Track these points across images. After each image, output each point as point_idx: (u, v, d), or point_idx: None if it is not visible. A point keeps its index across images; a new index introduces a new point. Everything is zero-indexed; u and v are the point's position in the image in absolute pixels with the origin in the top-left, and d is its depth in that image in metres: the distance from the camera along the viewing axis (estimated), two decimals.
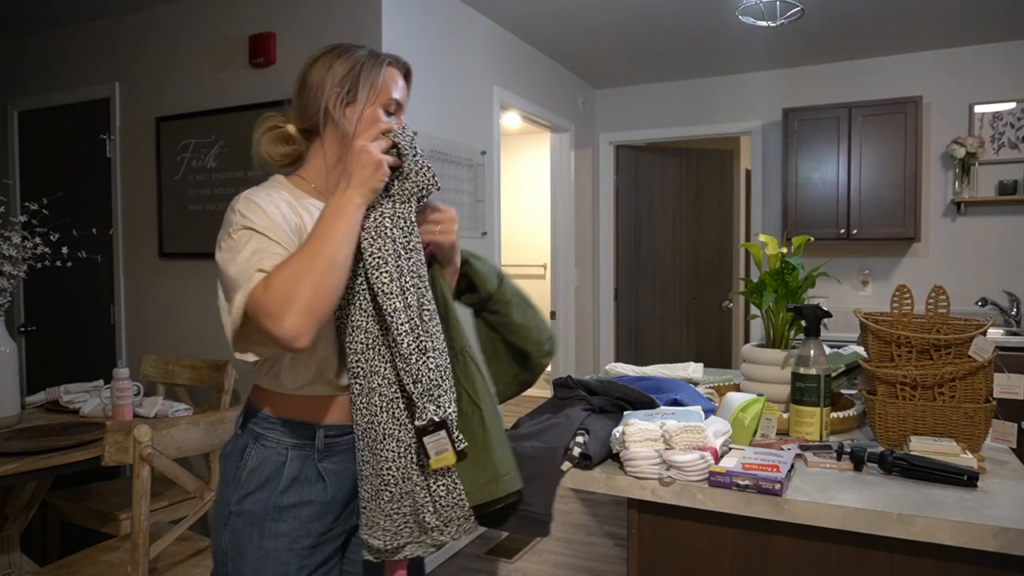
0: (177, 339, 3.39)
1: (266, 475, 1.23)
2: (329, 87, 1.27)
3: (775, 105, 4.58)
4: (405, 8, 3.00)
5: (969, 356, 1.39)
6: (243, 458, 1.24)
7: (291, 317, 1.04)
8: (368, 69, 1.28)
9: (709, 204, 5.55)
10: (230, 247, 1.14)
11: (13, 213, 3.39)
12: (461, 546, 3.38)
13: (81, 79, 3.70)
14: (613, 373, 2.00)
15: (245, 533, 1.22)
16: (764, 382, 1.71)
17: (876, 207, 4.12)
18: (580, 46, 4.17)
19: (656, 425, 1.28)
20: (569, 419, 1.41)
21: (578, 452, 1.30)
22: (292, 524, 1.22)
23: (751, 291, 1.76)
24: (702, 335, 5.53)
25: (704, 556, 1.29)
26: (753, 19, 3.25)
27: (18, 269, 2.36)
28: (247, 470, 1.23)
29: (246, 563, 1.22)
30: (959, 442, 1.35)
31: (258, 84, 3.14)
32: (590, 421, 1.41)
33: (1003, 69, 4.08)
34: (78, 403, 2.61)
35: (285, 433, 1.24)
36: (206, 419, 1.90)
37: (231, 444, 1.29)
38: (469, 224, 3.53)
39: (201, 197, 3.29)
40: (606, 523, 3.64)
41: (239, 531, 1.22)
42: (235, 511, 1.23)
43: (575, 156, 4.83)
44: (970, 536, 1.06)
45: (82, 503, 2.51)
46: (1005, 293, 4.09)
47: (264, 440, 1.25)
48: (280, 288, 1.05)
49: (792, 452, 1.33)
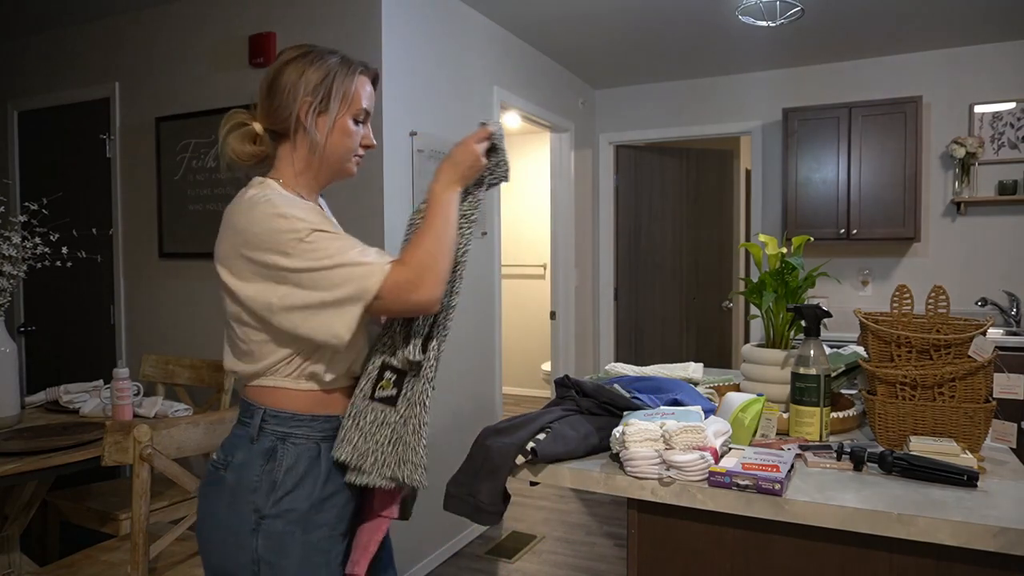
0: (177, 339, 3.39)
1: (303, 471, 1.24)
2: (301, 95, 1.29)
3: (775, 105, 4.58)
4: (405, 8, 3.00)
5: (969, 356, 1.39)
6: (275, 460, 1.24)
7: (434, 287, 1.21)
8: (340, 79, 1.30)
9: (709, 204, 5.55)
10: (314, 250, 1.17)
11: (13, 213, 3.39)
12: (461, 546, 3.38)
13: (81, 79, 3.70)
14: (613, 373, 2.00)
15: (287, 532, 1.22)
16: (764, 382, 1.71)
17: (876, 207, 4.12)
18: (580, 46, 4.17)
19: (656, 425, 1.28)
20: (539, 418, 1.43)
21: (530, 447, 1.32)
22: (332, 513, 1.27)
23: (751, 291, 1.76)
24: (702, 335, 5.53)
25: (704, 556, 1.29)
26: (753, 19, 3.25)
27: (18, 269, 2.36)
28: (283, 470, 1.24)
29: (290, 561, 1.22)
30: (959, 442, 1.35)
31: (258, 84, 3.13)
32: (564, 421, 1.42)
33: (1003, 69, 4.08)
34: (78, 403, 2.61)
35: (314, 428, 1.27)
36: (206, 419, 1.90)
37: (243, 452, 1.25)
38: None
39: (201, 197, 3.29)
40: (606, 523, 3.64)
41: (279, 532, 1.22)
42: (271, 514, 1.22)
43: (575, 156, 4.83)
44: (970, 536, 1.06)
45: (82, 503, 2.51)
46: (1005, 293, 4.09)
47: (293, 439, 1.26)
48: (420, 265, 1.20)
49: (792, 452, 1.33)
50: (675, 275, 5.40)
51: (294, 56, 1.32)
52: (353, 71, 1.31)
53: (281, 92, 1.30)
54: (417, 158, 3.09)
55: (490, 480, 1.31)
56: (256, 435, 1.26)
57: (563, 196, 4.76)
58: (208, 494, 1.27)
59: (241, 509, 1.22)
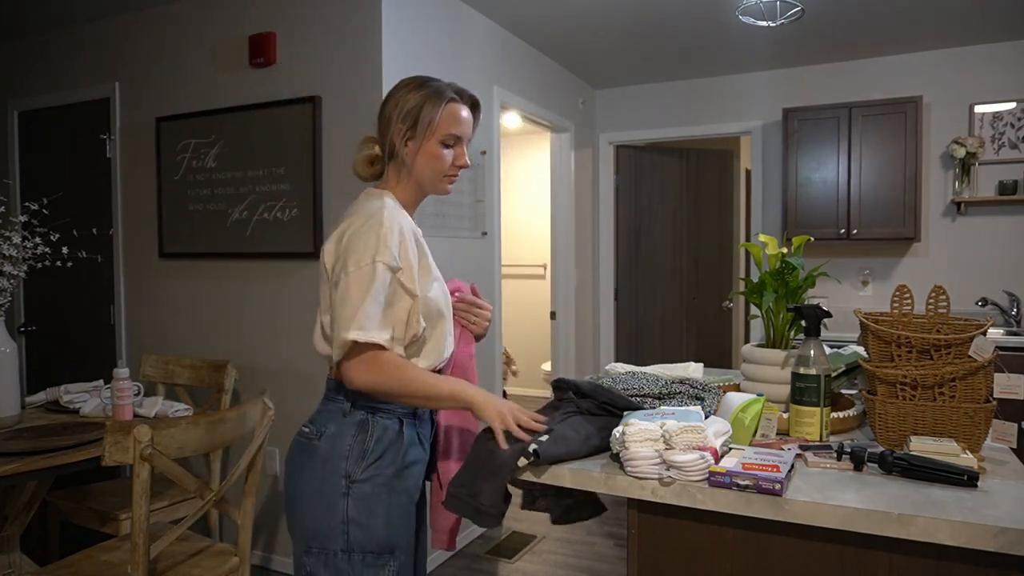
0: (177, 339, 3.39)
1: (389, 441, 1.40)
2: (395, 122, 1.45)
3: (775, 105, 4.58)
4: (405, 8, 3.00)
5: (969, 356, 1.39)
6: (367, 430, 1.39)
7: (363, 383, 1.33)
8: (430, 107, 1.44)
9: (709, 204, 5.55)
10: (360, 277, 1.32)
11: (13, 213, 3.39)
12: (461, 546, 3.38)
13: (81, 79, 3.70)
14: (613, 373, 2.00)
15: (376, 495, 1.37)
16: (764, 382, 1.71)
17: (876, 207, 4.12)
18: (580, 46, 4.17)
19: (656, 425, 1.28)
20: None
21: (532, 449, 1.32)
22: (411, 481, 1.43)
23: (751, 291, 1.76)
24: (702, 335, 5.52)
25: (704, 556, 1.29)
26: (753, 19, 3.25)
27: (18, 269, 2.36)
28: (374, 440, 1.39)
29: (378, 520, 1.37)
30: (959, 442, 1.35)
31: (258, 84, 3.14)
32: (565, 423, 1.42)
33: (1003, 69, 4.08)
34: (78, 403, 2.60)
35: (397, 405, 1.41)
36: (206, 419, 1.90)
37: (334, 425, 1.40)
38: (469, 224, 3.53)
39: (201, 197, 3.29)
40: (606, 523, 3.64)
41: (368, 495, 1.37)
42: (361, 479, 1.37)
43: (575, 156, 4.83)
44: (970, 536, 1.06)
45: (82, 503, 2.51)
46: (1005, 293, 4.09)
47: (381, 412, 1.41)
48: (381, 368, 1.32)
49: (792, 452, 1.33)
50: (675, 275, 5.40)
51: (401, 86, 1.48)
52: (442, 100, 1.44)
53: (384, 119, 1.48)
54: None
55: (491, 481, 1.32)
56: (348, 409, 1.41)
57: (563, 196, 4.76)
58: (301, 463, 1.41)
59: (333, 475, 1.37)
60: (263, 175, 3.12)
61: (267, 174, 3.11)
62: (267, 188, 3.11)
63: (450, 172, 1.50)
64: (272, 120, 3.08)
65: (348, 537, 1.36)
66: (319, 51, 3.01)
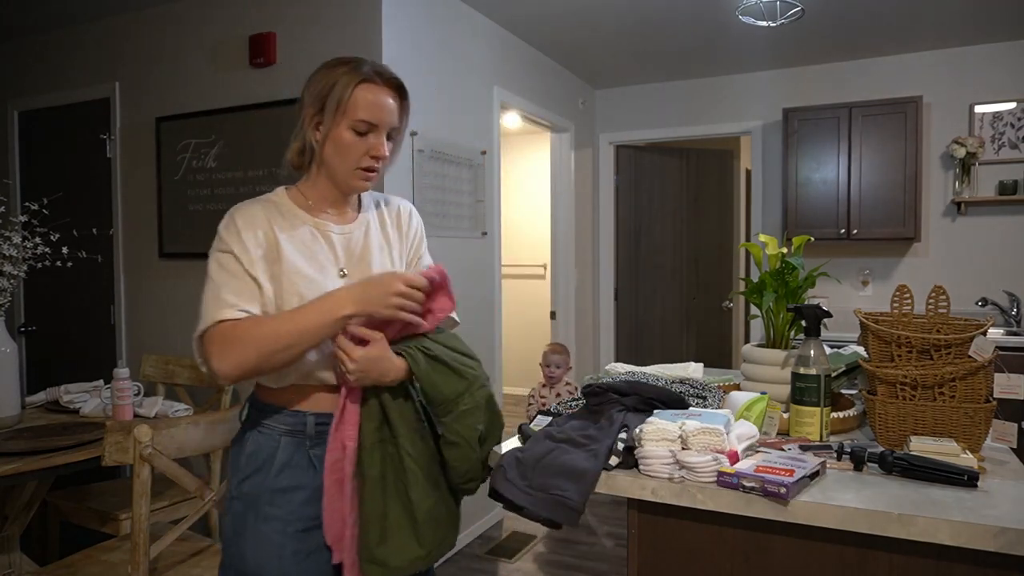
0: (177, 339, 3.39)
1: (261, 460, 1.29)
2: (307, 105, 1.29)
3: (775, 105, 4.58)
4: (405, 8, 3.00)
5: (969, 356, 1.39)
6: (241, 444, 1.33)
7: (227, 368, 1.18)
8: (340, 87, 1.24)
9: (709, 204, 5.55)
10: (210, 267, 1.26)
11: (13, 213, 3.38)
12: (461, 546, 3.38)
13: (81, 79, 3.70)
14: (613, 373, 2.00)
15: (243, 516, 1.28)
16: (764, 382, 1.70)
17: (876, 207, 4.12)
18: (580, 46, 4.17)
19: (676, 425, 1.27)
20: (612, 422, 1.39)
21: (622, 447, 1.30)
22: (285, 508, 1.27)
23: (751, 291, 1.76)
24: (702, 335, 5.52)
25: (704, 556, 1.28)
26: (753, 19, 3.25)
27: (18, 269, 2.36)
28: (245, 455, 1.31)
29: (246, 544, 1.27)
30: (959, 442, 1.35)
31: (258, 84, 3.14)
32: (628, 419, 1.39)
33: (1003, 69, 4.08)
34: (78, 403, 2.61)
35: (279, 420, 1.30)
36: (206, 419, 1.90)
37: (238, 433, 1.37)
38: (469, 224, 3.53)
39: (201, 197, 3.29)
40: (606, 523, 3.64)
41: (239, 513, 1.28)
42: (236, 495, 1.30)
43: (575, 156, 4.83)
44: (970, 536, 1.06)
45: (82, 503, 2.51)
46: (1005, 293, 4.09)
47: (261, 427, 1.31)
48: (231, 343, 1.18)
49: (818, 460, 1.26)
50: (675, 275, 5.39)
51: (320, 66, 1.31)
52: (354, 79, 1.25)
53: (300, 105, 1.31)
54: (418, 158, 3.09)
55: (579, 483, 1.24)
56: (242, 419, 1.36)
57: (563, 196, 4.76)
58: None
59: (230, 485, 1.33)
60: (263, 175, 3.12)
61: (267, 174, 3.11)
62: (267, 188, 3.03)
63: (364, 164, 1.28)
64: (272, 120, 3.08)
65: (230, 552, 1.30)
66: (319, 51, 3.00)
